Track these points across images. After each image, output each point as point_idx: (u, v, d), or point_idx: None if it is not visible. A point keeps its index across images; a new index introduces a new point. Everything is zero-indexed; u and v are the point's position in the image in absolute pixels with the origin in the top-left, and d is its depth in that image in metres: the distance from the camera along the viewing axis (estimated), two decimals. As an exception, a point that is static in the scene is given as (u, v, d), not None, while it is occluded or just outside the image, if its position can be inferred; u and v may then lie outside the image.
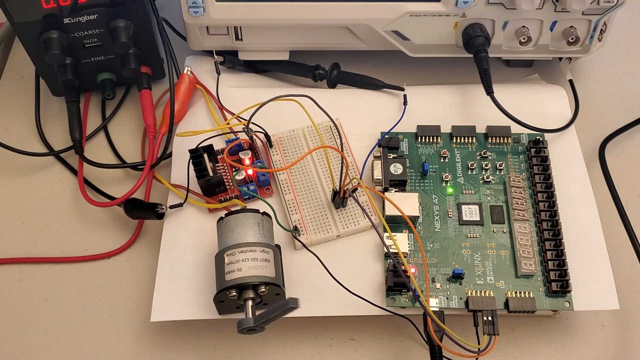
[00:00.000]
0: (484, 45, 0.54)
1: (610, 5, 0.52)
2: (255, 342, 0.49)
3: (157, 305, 0.47)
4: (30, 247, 0.54)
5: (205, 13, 0.54)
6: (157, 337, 0.49)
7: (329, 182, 0.51)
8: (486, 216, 0.49)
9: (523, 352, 0.48)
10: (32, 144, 0.59)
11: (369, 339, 0.49)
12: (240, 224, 0.45)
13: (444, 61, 0.60)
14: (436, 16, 0.54)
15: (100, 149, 0.59)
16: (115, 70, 0.58)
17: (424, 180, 0.51)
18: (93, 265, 0.53)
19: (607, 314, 0.49)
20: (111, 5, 0.52)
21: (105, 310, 0.51)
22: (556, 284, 0.46)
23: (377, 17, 0.54)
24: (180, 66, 0.59)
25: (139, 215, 0.53)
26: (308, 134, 0.54)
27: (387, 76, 0.58)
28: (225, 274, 0.43)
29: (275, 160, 0.53)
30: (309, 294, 0.47)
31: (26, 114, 0.61)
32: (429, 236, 0.49)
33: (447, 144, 0.53)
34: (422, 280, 0.46)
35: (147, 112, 0.56)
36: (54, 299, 0.51)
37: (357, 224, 0.49)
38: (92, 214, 0.55)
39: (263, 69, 0.61)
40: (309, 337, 0.49)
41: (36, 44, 0.54)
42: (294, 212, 0.50)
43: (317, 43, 0.58)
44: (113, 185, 0.57)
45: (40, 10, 0.51)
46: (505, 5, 0.53)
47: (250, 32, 0.57)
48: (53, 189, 0.57)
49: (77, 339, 0.49)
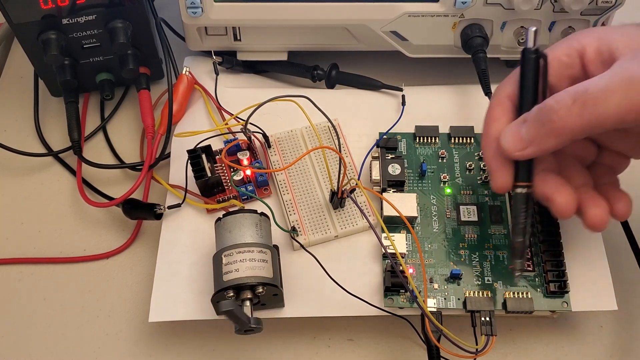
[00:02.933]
0: (482, 46, 0.54)
1: (608, 5, 0.52)
2: (253, 343, 0.49)
3: (155, 306, 0.47)
4: (29, 247, 0.54)
5: (204, 13, 0.54)
6: (156, 337, 0.49)
7: (327, 183, 0.51)
8: (484, 217, 0.49)
9: (521, 353, 0.48)
10: (30, 144, 0.60)
11: (367, 339, 0.49)
12: (238, 225, 0.45)
13: (442, 62, 0.60)
14: (434, 16, 0.54)
15: (99, 149, 0.59)
16: (113, 70, 0.58)
17: (422, 181, 0.51)
18: (92, 265, 0.53)
19: (606, 315, 0.49)
20: (110, 6, 0.53)
21: (104, 310, 0.51)
22: (554, 284, 0.46)
23: (375, 17, 0.54)
24: (178, 66, 0.59)
25: (138, 216, 0.53)
26: (306, 134, 0.54)
27: (385, 76, 0.58)
28: (223, 275, 0.43)
29: (274, 161, 0.53)
30: (307, 295, 0.47)
31: (25, 115, 0.61)
32: (426, 237, 0.49)
33: (446, 144, 0.53)
34: (420, 280, 0.46)
35: (146, 112, 0.56)
36: (52, 299, 0.51)
37: (355, 225, 0.49)
38: (90, 214, 0.55)
39: (261, 69, 0.62)
40: (307, 337, 0.49)
41: (35, 45, 0.54)
42: (292, 212, 0.50)
43: (315, 43, 0.58)
44: (112, 185, 0.57)
45: (39, 11, 0.51)
46: (504, 5, 0.53)
47: (248, 32, 0.57)
48: (52, 189, 0.57)
49: (76, 339, 0.50)
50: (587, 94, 0.36)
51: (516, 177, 0.41)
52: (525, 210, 0.41)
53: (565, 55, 0.41)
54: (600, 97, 0.36)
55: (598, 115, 0.36)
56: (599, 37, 0.40)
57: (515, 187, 0.42)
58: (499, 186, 0.42)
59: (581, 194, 0.42)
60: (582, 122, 0.37)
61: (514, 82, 0.42)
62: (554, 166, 0.43)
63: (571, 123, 0.37)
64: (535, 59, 0.41)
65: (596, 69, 0.40)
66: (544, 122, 0.38)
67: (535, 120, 0.39)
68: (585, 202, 0.41)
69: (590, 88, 0.37)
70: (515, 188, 0.42)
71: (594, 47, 0.40)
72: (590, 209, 0.41)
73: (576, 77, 0.41)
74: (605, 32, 0.40)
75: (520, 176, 0.41)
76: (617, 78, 0.36)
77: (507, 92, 0.42)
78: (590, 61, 0.40)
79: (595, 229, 0.41)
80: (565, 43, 0.41)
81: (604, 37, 0.40)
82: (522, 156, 0.40)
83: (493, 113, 0.43)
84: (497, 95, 0.43)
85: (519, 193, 0.41)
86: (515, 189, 0.42)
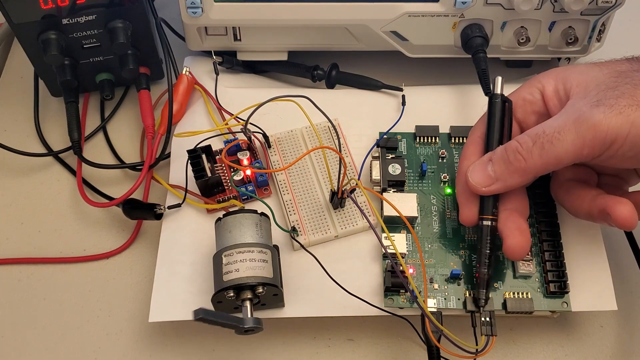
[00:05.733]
0: (482, 46, 0.54)
1: (608, 5, 0.52)
2: (253, 343, 0.49)
3: (155, 306, 0.47)
4: (29, 247, 0.54)
5: (204, 14, 0.54)
6: (156, 337, 0.49)
7: (327, 183, 0.51)
8: (484, 217, 0.49)
9: (521, 353, 0.48)
10: (31, 144, 0.60)
11: (367, 339, 0.49)
12: (238, 225, 0.45)
13: (442, 62, 0.60)
14: (435, 16, 0.54)
15: (99, 149, 0.59)
16: (113, 70, 0.58)
17: (422, 181, 0.51)
18: (91, 265, 0.53)
19: (606, 315, 0.49)
20: (110, 6, 0.52)
21: (104, 310, 0.51)
22: (554, 284, 0.46)
23: (375, 17, 0.54)
24: (178, 67, 0.58)
25: (138, 216, 0.53)
26: (306, 134, 0.54)
27: (385, 76, 0.58)
28: (223, 275, 0.43)
29: (274, 161, 0.53)
30: (307, 295, 0.47)
31: (25, 115, 0.61)
32: (427, 237, 0.49)
33: (446, 144, 0.53)
34: (420, 280, 0.46)
35: (146, 112, 0.56)
36: (52, 299, 0.51)
37: (355, 225, 0.49)
38: (90, 215, 0.55)
39: (262, 69, 0.61)
40: (307, 337, 0.49)
41: (35, 45, 0.54)
42: (292, 212, 0.50)
43: (315, 43, 0.58)
44: (112, 185, 0.57)
45: (39, 11, 0.51)
46: (504, 5, 0.53)
47: (248, 32, 0.57)
48: (52, 189, 0.57)
49: (76, 339, 0.49)
50: (545, 136, 0.41)
51: (481, 211, 0.45)
52: (489, 242, 0.44)
53: (528, 94, 0.46)
54: (556, 137, 0.40)
55: (556, 154, 0.40)
56: (557, 76, 0.44)
57: (481, 220, 0.45)
58: (465, 219, 0.46)
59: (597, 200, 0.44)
60: (543, 161, 0.41)
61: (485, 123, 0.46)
62: (520, 207, 0.45)
63: (533, 163, 0.41)
64: (501, 103, 0.46)
65: (555, 106, 0.44)
66: (509, 161, 0.42)
67: (500, 159, 0.43)
68: (608, 204, 0.43)
69: (547, 130, 0.41)
70: (480, 221, 0.45)
71: (552, 86, 0.44)
72: (616, 209, 0.42)
73: (540, 113, 0.45)
74: (563, 71, 0.45)
75: (485, 210, 0.45)
76: (569, 118, 0.40)
77: (480, 132, 0.47)
78: (549, 99, 0.44)
79: (625, 225, 0.42)
80: (528, 83, 0.46)
81: (561, 76, 0.44)
82: (488, 191, 0.44)
83: (466, 151, 0.47)
84: (471, 135, 0.47)
85: (484, 225, 0.44)
86: (480, 222, 0.45)
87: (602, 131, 0.39)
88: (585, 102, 0.40)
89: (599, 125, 0.39)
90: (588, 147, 0.39)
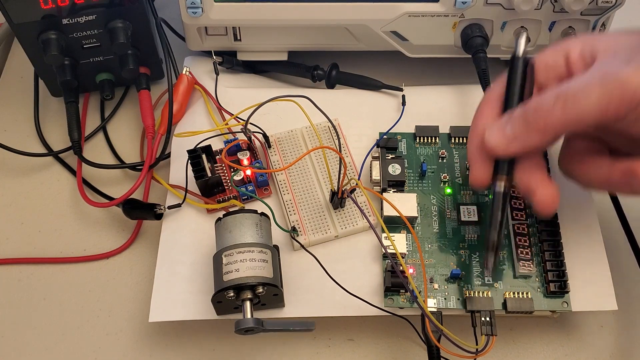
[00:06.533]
0: (482, 46, 0.54)
1: (608, 5, 0.52)
2: (253, 343, 0.49)
3: (155, 306, 0.47)
4: (29, 247, 0.54)
5: (204, 14, 0.54)
6: (156, 337, 0.49)
7: (327, 183, 0.51)
8: (484, 217, 0.49)
9: (521, 353, 0.48)
10: (31, 144, 0.60)
11: (367, 339, 0.49)
12: (238, 225, 0.45)
13: (442, 62, 0.60)
14: (435, 16, 0.54)
15: (99, 149, 0.59)
16: (114, 70, 0.58)
17: (422, 181, 0.51)
18: (92, 265, 0.53)
19: (606, 315, 0.49)
20: (110, 6, 0.52)
21: (104, 310, 0.51)
22: (554, 284, 0.46)
23: (375, 17, 0.54)
24: (179, 67, 0.59)
25: (138, 216, 0.53)
26: (306, 134, 0.54)
27: (385, 76, 0.58)
28: (223, 275, 0.43)
29: (274, 161, 0.53)
30: (307, 295, 0.47)
31: (25, 115, 0.61)
32: (427, 237, 0.49)
33: (446, 144, 0.53)
34: (420, 280, 0.46)
35: (146, 112, 0.56)
36: (52, 299, 0.51)
37: (355, 225, 0.49)
38: (90, 215, 0.55)
39: (262, 69, 0.61)
40: (307, 337, 0.49)
41: (35, 45, 0.54)
42: (292, 212, 0.50)
43: (315, 43, 0.58)
44: (112, 185, 0.57)
45: (39, 11, 0.51)
46: (504, 5, 0.53)
47: (249, 32, 0.57)
48: (52, 189, 0.57)
49: (76, 339, 0.49)
50: (569, 92, 0.38)
51: (496, 170, 0.42)
52: (502, 205, 0.42)
53: (551, 57, 0.43)
54: (581, 94, 0.37)
55: (579, 111, 0.38)
56: (583, 40, 0.42)
57: (495, 180, 0.42)
58: (477, 179, 0.43)
59: None
60: (565, 118, 0.38)
61: (504, 84, 0.44)
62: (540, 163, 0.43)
63: (554, 120, 0.38)
64: (522, 63, 0.43)
65: (579, 70, 0.41)
66: (528, 119, 0.40)
67: (519, 118, 0.40)
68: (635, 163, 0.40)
69: (572, 86, 0.38)
70: (495, 181, 0.42)
71: (578, 50, 0.42)
72: None
73: (563, 78, 0.42)
74: (590, 37, 0.42)
75: (500, 169, 0.42)
76: (596, 75, 0.38)
77: (497, 93, 0.44)
78: (574, 63, 0.42)
79: None
80: (552, 47, 0.43)
81: (587, 41, 0.42)
82: (505, 152, 0.41)
83: (482, 110, 0.44)
84: (487, 95, 0.45)
85: (498, 185, 0.42)
86: (495, 182, 0.42)
87: (630, 89, 0.36)
88: (614, 60, 0.38)
89: (628, 81, 0.36)
90: (614, 105, 0.37)
